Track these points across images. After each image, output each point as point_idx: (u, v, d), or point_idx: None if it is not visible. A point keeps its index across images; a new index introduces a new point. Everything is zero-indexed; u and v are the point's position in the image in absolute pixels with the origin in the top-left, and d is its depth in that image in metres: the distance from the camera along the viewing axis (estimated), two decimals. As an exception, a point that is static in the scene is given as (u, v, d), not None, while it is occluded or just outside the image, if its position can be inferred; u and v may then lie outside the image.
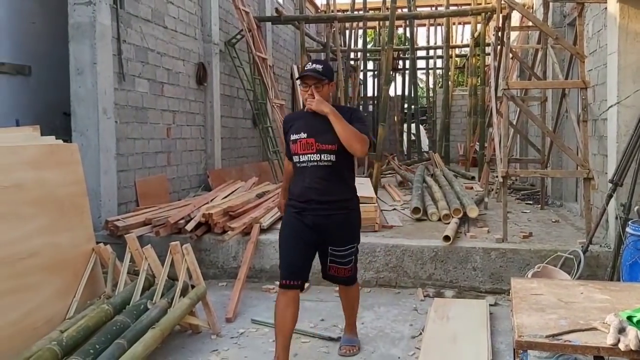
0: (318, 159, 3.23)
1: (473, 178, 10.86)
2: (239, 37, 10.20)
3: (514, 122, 8.23)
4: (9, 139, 3.72)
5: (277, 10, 11.98)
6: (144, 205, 6.82)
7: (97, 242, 4.40)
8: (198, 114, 8.92)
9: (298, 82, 3.28)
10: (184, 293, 4.00)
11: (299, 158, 3.28)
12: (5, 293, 3.19)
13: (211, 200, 6.64)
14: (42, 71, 6.78)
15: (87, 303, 3.89)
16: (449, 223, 5.80)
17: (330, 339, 3.92)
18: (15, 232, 3.35)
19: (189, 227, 5.51)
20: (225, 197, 6.94)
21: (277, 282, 5.15)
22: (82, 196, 4.11)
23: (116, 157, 6.39)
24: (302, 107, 3.56)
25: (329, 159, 3.23)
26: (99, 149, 6.03)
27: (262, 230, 5.56)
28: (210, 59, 9.18)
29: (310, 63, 3.30)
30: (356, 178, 3.68)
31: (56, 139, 4.17)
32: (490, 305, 4.57)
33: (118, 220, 5.80)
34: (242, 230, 5.50)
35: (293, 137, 3.30)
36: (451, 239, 5.04)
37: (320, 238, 3.37)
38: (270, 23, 12.26)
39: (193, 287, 4.18)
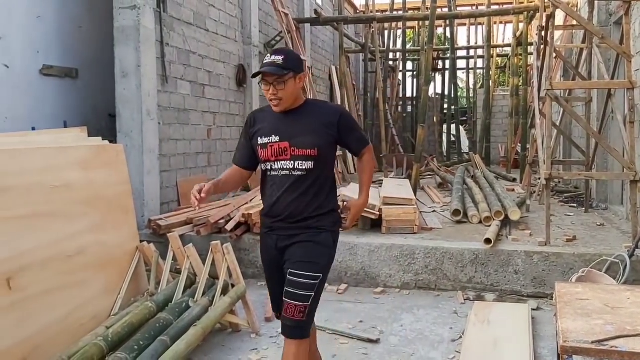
0: (291, 167, 2.62)
1: (515, 180, 10.66)
2: (278, 38, 10.28)
3: (558, 123, 8.05)
4: (58, 140, 3.85)
5: (316, 11, 12.02)
6: (185, 205, 6.95)
7: (141, 241, 4.52)
8: (237, 115, 9.03)
9: (257, 80, 2.64)
10: (224, 292, 4.06)
11: (270, 166, 2.66)
12: (55, 289, 3.30)
13: (250, 201, 6.71)
14: (89, 74, 6.97)
15: (131, 300, 3.99)
16: (490, 226, 5.71)
17: (370, 340, 3.91)
18: (65, 231, 3.46)
19: (229, 226, 5.59)
20: (265, 197, 6.99)
21: (316, 283, 5.22)
22: (127, 196, 4.22)
23: (159, 158, 6.53)
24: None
25: (304, 167, 2.61)
26: (142, 149, 6.17)
27: (301, 231, 5.57)
28: (250, 60, 9.28)
29: (269, 54, 2.62)
30: (396, 179, 3.56)
31: (102, 140, 4.29)
32: (533, 309, 4.49)
33: (160, 219, 5.93)
34: (281, 231, 5.54)
35: (262, 140, 2.66)
36: (492, 242, 4.96)
37: (283, 260, 2.71)
38: (309, 24, 12.31)
39: (233, 286, 4.25)
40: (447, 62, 16.36)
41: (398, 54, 17.16)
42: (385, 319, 4.38)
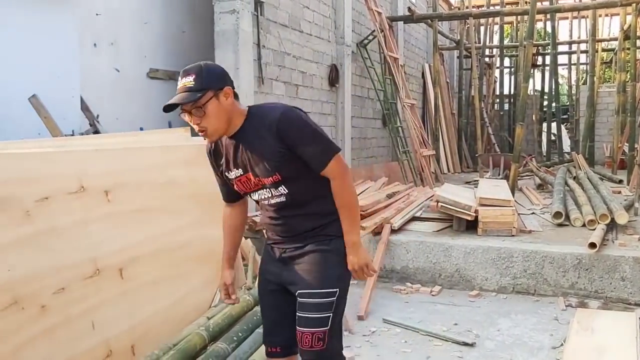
0: (270, 195, 2.25)
1: (621, 182, 10.01)
2: (370, 37, 10.28)
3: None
4: (164, 139, 4.07)
5: (409, 9, 11.91)
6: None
7: (239, 237, 4.67)
8: (329, 115, 9.12)
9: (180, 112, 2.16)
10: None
11: (251, 196, 2.34)
12: (161, 280, 3.49)
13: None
14: (191, 77, 7.31)
15: (230, 293, 4.14)
16: (594, 229, 5.40)
17: (465, 344, 3.82)
18: (170, 225, 3.65)
19: (323, 223, 5.65)
20: (357, 196, 7.02)
21: (409, 283, 5.18)
22: (226, 193, 4.38)
23: (255, 157, 6.72)
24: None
25: (282, 192, 2.22)
26: (240, 148, 6.38)
27: (393, 231, 5.56)
28: (342, 60, 9.35)
29: (180, 77, 2.15)
30: (492, 179, 3.34)
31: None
32: (641, 319, 4.20)
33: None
34: (372, 230, 5.54)
35: (230, 175, 2.30)
36: (597, 246, 4.69)
37: (288, 280, 2.30)
38: (402, 22, 12.22)
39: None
40: (548, 58, 15.63)
41: (494, 50, 16.63)
42: (481, 322, 4.27)
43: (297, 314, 2.22)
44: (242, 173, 2.25)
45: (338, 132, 9.35)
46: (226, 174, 2.31)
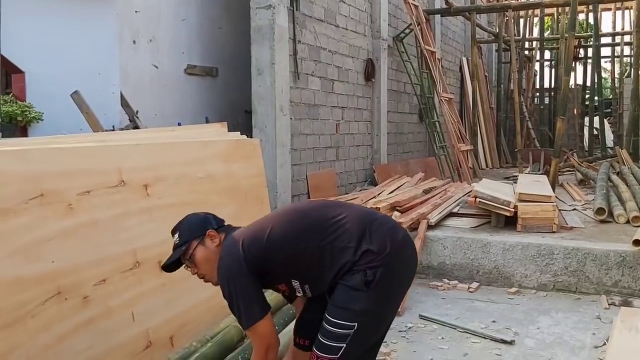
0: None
1: (668, 177, 9.67)
2: (407, 31, 10.18)
3: None
4: (202, 134, 4.12)
5: (446, 1, 11.73)
6: (314, 197, 7.13)
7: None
8: (365, 110, 9.08)
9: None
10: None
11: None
12: (198, 273, 3.54)
13: (378, 195, 6.73)
14: (227, 72, 7.38)
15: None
16: (638, 226, 5.24)
17: (503, 341, 3.75)
18: (208, 219, 3.70)
19: (358, 220, 5.62)
20: (392, 192, 6.99)
21: (446, 280, 5.12)
22: (262, 187, 4.41)
23: (290, 152, 6.75)
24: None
25: (299, 294, 2.44)
26: (275, 144, 6.41)
27: (430, 227, 5.50)
28: (378, 54, 9.28)
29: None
30: (532, 175, 3.18)
31: (240, 135, 4.52)
32: (690, 320, 4.05)
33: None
34: (409, 226, 5.49)
35: (276, 285, 2.45)
36: (642, 244, 4.55)
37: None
38: (439, 15, 12.06)
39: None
40: (590, 51, 15.20)
41: (534, 43, 16.27)
42: (520, 320, 4.18)
43: (321, 328, 2.26)
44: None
45: (374, 127, 9.30)
46: (268, 285, 2.44)
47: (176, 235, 2.41)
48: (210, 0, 7.25)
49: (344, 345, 2.19)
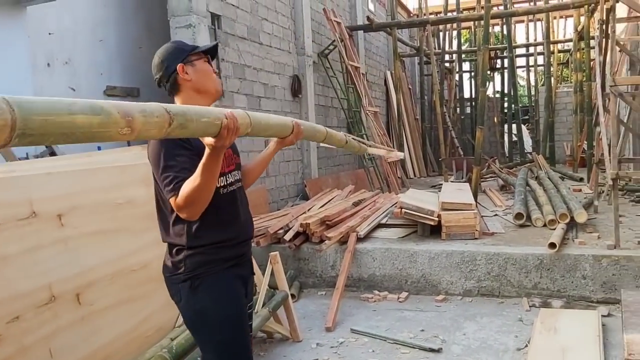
0: (238, 178, 2.24)
1: (582, 180, 10.25)
2: (331, 47, 10.34)
3: (625, 119, 7.70)
4: (121, 158, 4.00)
5: (368, 18, 12.02)
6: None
7: (202, 253, 4.62)
8: (294, 126, 9.11)
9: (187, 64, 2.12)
10: (283, 302, 4.10)
11: (226, 180, 2.14)
12: (121, 303, 3.42)
13: (308, 210, 6.75)
14: (150, 92, 7.22)
15: (195, 312, 4.08)
16: (554, 229, 5.51)
17: (432, 350, 3.84)
18: (129, 246, 3.59)
19: (288, 236, 5.63)
20: (322, 206, 7.03)
21: (376, 291, 5.19)
22: (187, 210, 4.33)
23: (218, 171, 6.66)
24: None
25: (239, 176, 2.27)
26: (202, 163, 6.31)
27: (359, 239, 5.57)
28: (304, 71, 9.37)
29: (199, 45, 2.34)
30: (455, 183, 3.24)
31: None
32: (603, 316, 4.27)
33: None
34: (339, 239, 5.54)
35: None
36: (557, 246, 4.78)
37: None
38: (362, 31, 12.32)
39: (294, 296, 4.27)
40: (506, 61, 15.95)
41: (454, 55, 16.90)
42: (448, 327, 4.30)
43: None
44: (234, 146, 2.19)
45: (304, 142, 9.35)
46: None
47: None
48: (130, 20, 7.10)
49: None
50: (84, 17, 6.39)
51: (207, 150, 1.74)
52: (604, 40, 6.80)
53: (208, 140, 1.68)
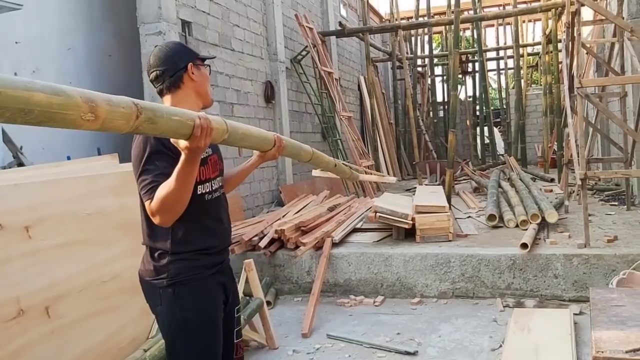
0: (220, 185, 2.24)
1: (553, 180, 10.42)
2: (304, 53, 10.35)
3: (593, 120, 7.86)
4: (90, 168, 3.94)
5: (340, 23, 12.07)
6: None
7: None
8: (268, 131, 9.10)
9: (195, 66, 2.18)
10: (259, 310, 4.07)
11: (211, 186, 2.15)
12: (92, 315, 3.36)
13: (283, 216, 6.74)
14: (121, 101, 7.15)
15: (169, 322, 4.03)
16: (526, 229, 5.59)
17: (407, 353, 3.86)
18: (100, 257, 3.54)
19: (263, 243, 5.61)
20: (297, 212, 7.02)
21: (352, 296, 5.19)
22: (159, 219, 4.28)
23: (191, 179, 6.61)
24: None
25: (221, 185, 2.27)
26: (175, 171, 6.25)
27: (335, 244, 5.57)
28: (277, 77, 9.36)
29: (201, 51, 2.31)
30: (429, 186, 3.28)
31: (134, 165, 4.38)
32: (575, 314, 4.35)
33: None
34: (314, 245, 5.54)
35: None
36: (529, 247, 4.85)
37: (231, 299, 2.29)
38: (334, 37, 12.37)
39: (269, 303, 4.25)
40: (477, 65, 16.17)
41: (426, 59, 17.07)
42: (423, 330, 4.32)
43: (236, 330, 2.29)
44: (211, 152, 2.19)
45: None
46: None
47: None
48: (99, 28, 7.01)
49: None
50: (51, 25, 6.29)
51: (182, 155, 1.73)
52: (570, 43, 6.93)
53: (182, 144, 1.67)
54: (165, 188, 1.83)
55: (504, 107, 17.02)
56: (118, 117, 1.30)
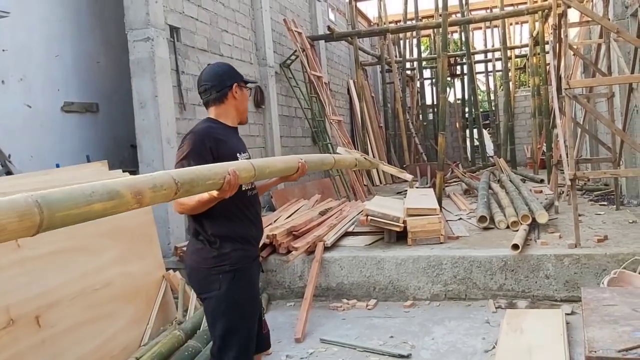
0: (254, 185, 2.59)
1: (542, 181, 10.48)
2: (293, 57, 10.36)
3: (581, 121, 7.91)
4: (79, 176, 3.92)
5: (329, 27, 12.10)
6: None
7: (168, 269, 4.55)
8: (258, 136, 9.09)
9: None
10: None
11: (251, 184, 2.51)
12: (84, 323, 3.34)
13: (275, 221, 6.72)
14: (109, 107, 7.11)
15: (160, 329, 4.02)
16: (517, 230, 5.61)
17: (401, 356, 3.85)
18: (90, 265, 3.52)
19: (255, 249, 5.58)
20: (289, 216, 7.01)
21: (345, 300, 5.19)
22: (150, 225, 4.27)
23: (182, 185, 6.58)
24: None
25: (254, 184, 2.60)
26: (165, 178, 6.22)
27: (326, 248, 5.57)
28: (266, 81, 9.36)
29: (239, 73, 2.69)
30: (420, 189, 3.43)
31: (125, 170, 4.36)
32: (567, 314, 4.37)
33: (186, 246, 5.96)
34: (306, 250, 5.53)
35: (240, 156, 2.52)
36: (520, 247, 4.87)
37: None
38: (323, 41, 12.39)
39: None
40: (465, 67, 16.24)
41: (415, 63, 17.12)
42: (416, 332, 4.32)
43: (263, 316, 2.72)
44: (247, 155, 2.57)
45: (268, 153, 9.32)
46: (227, 152, 2.47)
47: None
48: (87, 34, 6.97)
49: None
50: (38, 32, 6.24)
51: (208, 195, 2.10)
52: (557, 44, 6.99)
53: (214, 192, 2.06)
54: (187, 197, 2.08)
55: (493, 109, 17.10)
56: (159, 199, 1.59)
